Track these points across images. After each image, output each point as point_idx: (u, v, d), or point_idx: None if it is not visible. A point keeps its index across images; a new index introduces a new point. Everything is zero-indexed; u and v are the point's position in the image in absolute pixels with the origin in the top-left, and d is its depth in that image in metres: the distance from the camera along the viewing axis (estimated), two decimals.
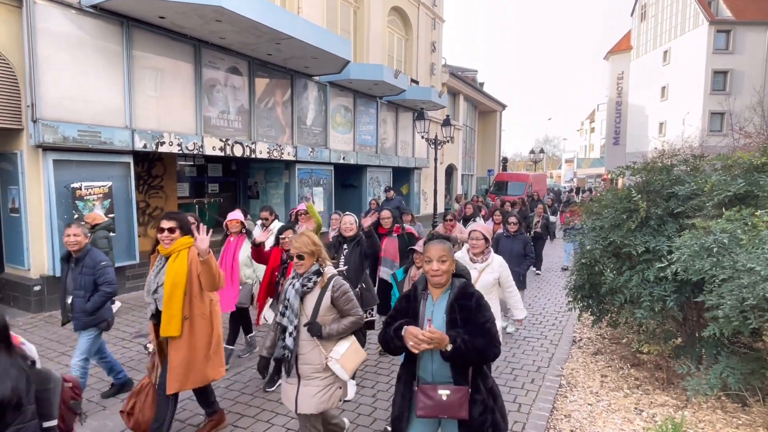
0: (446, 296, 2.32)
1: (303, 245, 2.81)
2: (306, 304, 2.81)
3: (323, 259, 2.89)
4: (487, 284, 3.82)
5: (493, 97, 27.51)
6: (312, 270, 2.83)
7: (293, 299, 2.79)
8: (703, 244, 3.50)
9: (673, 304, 3.89)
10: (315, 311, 2.78)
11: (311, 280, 2.81)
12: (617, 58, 41.09)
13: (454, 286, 2.34)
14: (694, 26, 30.63)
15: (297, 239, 2.86)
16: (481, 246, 3.92)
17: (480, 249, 3.92)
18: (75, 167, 7.00)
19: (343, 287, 2.82)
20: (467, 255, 3.97)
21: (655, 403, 4.14)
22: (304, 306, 2.81)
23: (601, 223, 4.82)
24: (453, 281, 2.36)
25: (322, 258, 2.88)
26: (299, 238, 2.86)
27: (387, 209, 5.51)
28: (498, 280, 3.93)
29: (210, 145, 8.89)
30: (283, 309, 2.84)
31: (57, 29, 6.65)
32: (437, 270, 2.26)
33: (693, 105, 29.89)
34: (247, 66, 9.78)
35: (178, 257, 3.22)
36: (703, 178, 4.31)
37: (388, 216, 5.40)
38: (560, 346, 5.70)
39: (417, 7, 16.92)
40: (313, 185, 12.13)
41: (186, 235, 3.28)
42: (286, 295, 2.85)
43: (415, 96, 14.93)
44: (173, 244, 3.21)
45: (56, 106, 6.65)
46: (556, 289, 8.68)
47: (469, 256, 3.96)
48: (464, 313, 2.25)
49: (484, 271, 3.88)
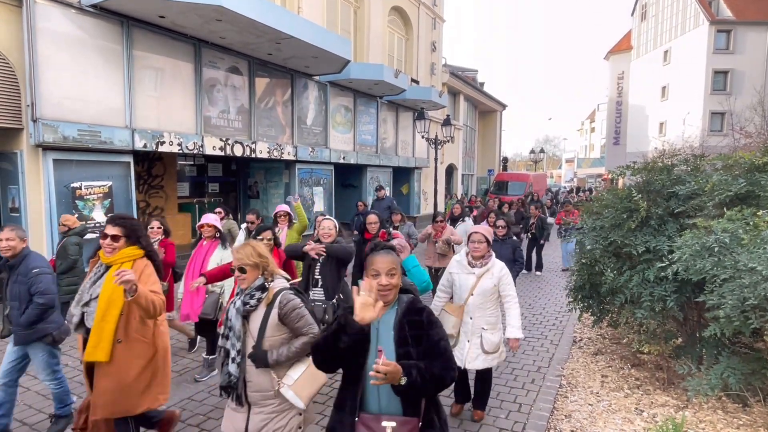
0: (393, 313, 2.03)
1: (245, 256, 2.48)
2: (251, 324, 2.47)
3: (270, 272, 2.56)
4: (486, 291, 3.61)
5: (494, 97, 27.50)
6: (255, 285, 2.49)
7: (234, 320, 2.45)
8: (705, 244, 3.49)
9: (673, 304, 3.88)
10: (261, 332, 2.43)
11: (254, 297, 2.47)
12: (617, 58, 41.05)
13: (401, 301, 2.06)
14: (695, 26, 30.60)
15: (239, 249, 2.52)
16: (483, 249, 3.67)
17: (481, 252, 3.67)
18: (75, 167, 6.99)
19: (291, 302, 2.47)
20: (465, 258, 3.74)
21: (655, 404, 4.13)
22: (249, 326, 2.47)
23: (601, 222, 4.81)
24: (400, 297, 2.08)
25: (268, 271, 2.55)
26: (241, 248, 2.53)
27: (374, 213, 5.16)
28: (497, 287, 3.66)
29: (210, 144, 8.89)
30: (225, 331, 2.49)
31: (57, 29, 6.64)
32: (386, 285, 1.96)
33: (693, 105, 29.86)
34: (248, 66, 9.78)
35: None
36: (703, 177, 4.30)
37: (375, 221, 5.04)
38: (561, 346, 5.69)
39: (417, 7, 16.92)
40: (313, 185, 12.12)
41: (134, 244, 2.85)
42: (228, 314, 2.50)
43: (415, 96, 14.92)
44: (115, 254, 2.77)
45: (56, 106, 6.64)
46: (557, 290, 8.67)
47: (467, 260, 3.72)
48: (415, 329, 1.99)
49: (484, 276, 3.63)
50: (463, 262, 3.74)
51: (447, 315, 3.69)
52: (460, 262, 3.75)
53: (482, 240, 3.67)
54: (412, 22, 16.74)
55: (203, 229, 4.84)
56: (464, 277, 3.68)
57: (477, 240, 3.67)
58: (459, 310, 3.66)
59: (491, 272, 3.64)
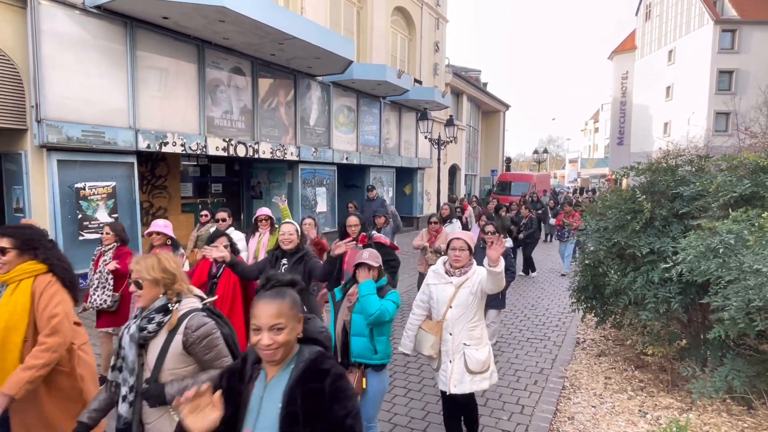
0: (286, 374, 1.53)
1: (144, 269, 2.05)
2: (149, 354, 2.02)
3: (176, 290, 2.10)
4: (464, 302, 3.16)
5: (497, 97, 27.44)
6: (155, 306, 2.05)
7: (128, 348, 2.01)
8: (709, 245, 3.47)
9: (677, 306, 3.86)
10: (158, 363, 1.99)
11: (153, 321, 2.01)
12: (622, 57, 40.92)
13: (300, 357, 1.55)
14: (699, 25, 30.46)
15: (139, 260, 2.09)
16: (465, 258, 3.22)
17: (463, 262, 3.22)
18: (79, 167, 7.02)
19: (202, 329, 2.01)
20: (442, 267, 3.31)
21: (659, 406, 4.11)
22: (146, 357, 2.03)
23: (605, 223, 4.79)
24: (301, 350, 1.57)
25: (173, 290, 2.09)
26: (143, 259, 2.10)
27: (355, 215, 4.73)
28: (478, 293, 3.18)
29: (213, 145, 8.90)
30: (117, 361, 2.07)
31: (61, 30, 6.66)
32: (269, 345, 1.46)
33: (698, 105, 29.72)
34: (251, 66, 9.79)
35: (17, 289, 2.36)
36: (708, 178, 4.27)
37: (355, 223, 4.63)
38: (563, 348, 5.67)
39: (420, 7, 16.90)
40: (316, 185, 12.12)
41: (32, 259, 2.42)
42: (121, 341, 2.06)
43: (418, 96, 14.91)
44: (9, 271, 2.37)
45: (60, 107, 6.67)
46: (560, 290, 8.64)
47: (444, 268, 3.28)
48: (311, 402, 1.48)
49: (463, 285, 3.18)
50: (440, 270, 3.30)
51: (424, 334, 3.27)
52: (437, 271, 3.32)
53: (464, 247, 3.22)
54: (415, 23, 16.73)
55: (152, 237, 4.26)
56: (441, 288, 3.25)
57: (458, 247, 3.21)
58: (437, 327, 3.21)
59: (471, 281, 3.17)
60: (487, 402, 4.25)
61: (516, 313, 7.18)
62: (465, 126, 23.15)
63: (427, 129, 13.70)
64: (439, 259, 3.40)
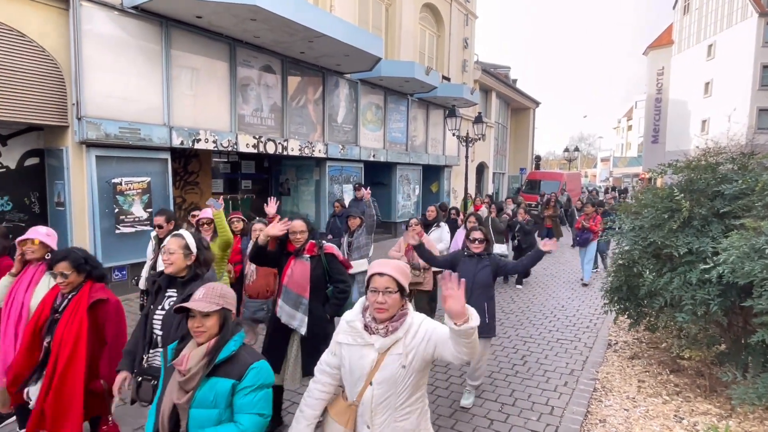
0: None
1: None
2: None
3: None
4: (391, 378, 1.95)
5: (527, 94, 26.98)
6: None
7: None
8: (754, 246, 3.32)
9: (717, 308, 3.71)
10: None
11: None
12: (657, 53, 39.58)
13: None
14: (742, 18, 29.17)
15: None
16: (392, 305, 1.95)
17: (389, 312, 1.95)
18: (116, 163, 7.26)
19: None
20: (361, 318, 2.02)
21: (696, 411, 3.97)
22: None
23: (640, 222, 4.65)
24: None
25: None
26: None
27: (301, 218, 3.54)
28: (420, 363, 1.97)
29: (244, 142, 9.06)
30: None
31: (101, 30, 6.90)
32: None
33: (739, 101, 28.49)
34: (280, 64, 9.92)
35: None
36: (753, 176, 4.08)
37: (302, 229, 3.46)
38: (595, 349, 5.53)
39: (449, 4, 16.76)
40: (343, 182, 12.19)
41: None
42: None
43: (446, 93, 14.79)
44: None
45: (99, 104, 6.91)
46: (591, 291, 8.44)
47: (364, 321, 2.01)
48: None
49: (389, 352, 1.94)
50: (356, 323, 2.02)
51: (331, 422, 2.08)
52: (351, 323, 2.05)
53: (389, 288, 1.94)
54: (443, 19, 16.60)
55: (26, 247, 3.12)
56: (357, 353, 2.00)
57: (382, 288, 1.94)
58: (348, 413, 2.04)
59: (405, 345, 1.94)
60: (515, 402, 4.19)
61: (545, 313, 7.06)
62: (493, 123, 22.86)
63: (455, 126, 13.58)
64: (358, 302, 2.12)
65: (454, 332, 1.76)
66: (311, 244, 3.49)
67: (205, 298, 1.92)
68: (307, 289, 3.36)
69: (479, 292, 3.94)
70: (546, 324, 6.51)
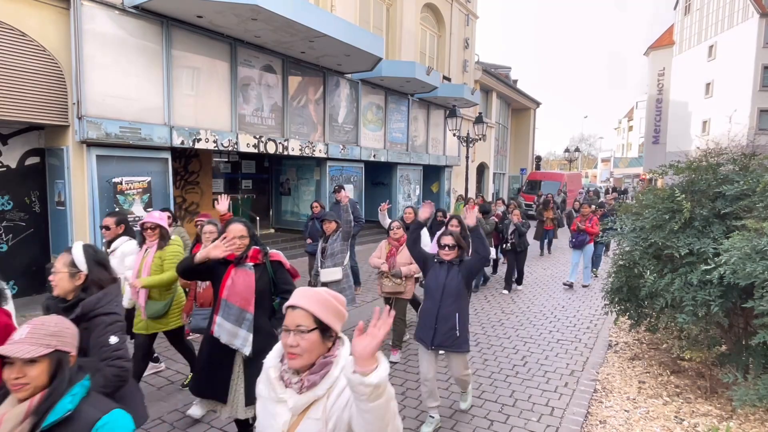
0: None
1: None
2: None
3: None
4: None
5: (527, 95, 26.96)
6: None
7: None
8: (755, 247, 3.31)
9: (718, 310, 3.70)
10: None
11: None
12: (658, 53, 39.56)
13: None
14: (743, 19, 29.14)
15: None
16: (308, 348, 1.45)
17: (300, 358, 1.46)
18: (116, 162, 7.26)
19: None
20: (278, 365, 1.54)
21: (697, 413, 3.96)
22: None
23: (641, 223, 4.64)
24: None
25: None
26: None
27: (240, 222, 3.08)
28: None
29: (244, 142, 9.06)
30: None
31: (101, 30, 6.90)
32: None
33: (740, 102, 28.46)
34: (281, 64, 9.91)
35: None
36: (754, 177, 4.07)
37: (242, 234, 2.99)
38: (595, 350, 5.53)
39: (450, 4, 16.75)
40: (343, 182, 12.19)
41: None
42: None
43: (447, 93, 14.79)
44: None
45: (100, 104, 6.91)
46: (591, 291, 8.43)
47: (279, 369, 1.54)
48: None
49: (308, 414, 1.45)
50: (269, 372, 1.54)
51: None
52: (267, 370, 1.56)
53: (302, 326, 1.46)
54: (444, 19, 16.60)
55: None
56: (269, 410, 1.52)
57: (292, 326, 1.46)
58: None
59: (324, 406, 1.44)
60: (516, 403, 4.19)
61: (546, 314, 7.05)
62: (494, 123, 22.85)
63: (456, 126, 13.58)
64: (276, 346, 1.60)
65: (349, 383, 1.26)
66: (255, 251, 3.04)
67: (28, 339, 1.41)
68: (252, 302, 2.90)
69: (449, 302, 3.57)
70: (546, 325, 6.51)
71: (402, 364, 5.01)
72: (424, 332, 3.65)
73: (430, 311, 3.62)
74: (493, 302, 7.62)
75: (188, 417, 3.73)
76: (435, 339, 3.56)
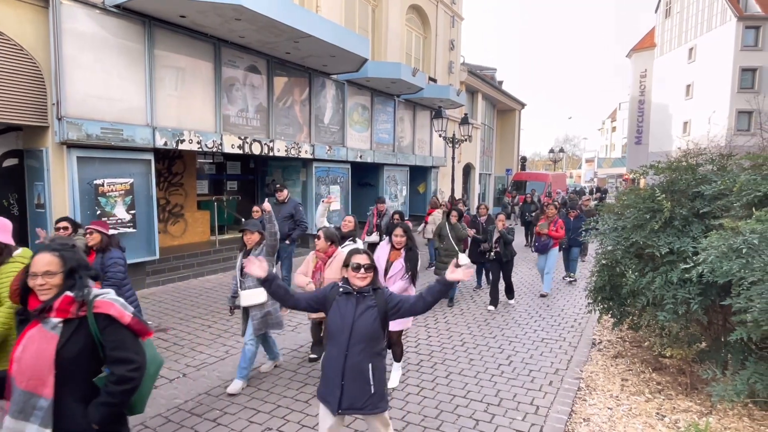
0: None
1: None
2: None
3: None
4: None
5: (512, 96, 27.19)
6: None
7: None
8: (732, 245, 3.38)
9: (697, 307, 3.77)
10: None
11: None
12: (640, 55, 40.24)
13: None
14: (722, 22, 29.79)
15: None
16: None
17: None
18: (98, 164, 7.14)
19: None
20: None
21: (677, 409, 4.03)
22: None
23: (623, 223, 4.71)
24: None
25: None
26: None
27: (49, 251, 2.06)
28: None
29: (229, 143, 8.98)
30: None
31: (82, 29, 6.78)
32: None
33: (719, 103, 29.09)
34: (266, 64, 9.85)
35: None
36: (731, 177, 4.16)
37: (46, 269, 1.96)
38: (579, 349, 5.59)
39: (435, 5, 16.82)
40: (330, 183, 12.16)
41: None
42: None
43: (432, 94, 14.84)
44: None
45: (80, 104, 6.79)
46: (575, 290, 8.53)
47: None
48: None
49: None
50: None
51: None
52: None
53: None
54: (430, 21, 16.66)
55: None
56: None
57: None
58: None
59: None
60: (501, 402, 4.22)
61: (531, 313, 7.11)
62: (480, 124, 22.99)
63: (442, 127, 13.63)
64: None
65: None
66: (65, 300, 1.95)
67: None
68: (48, 382, 1.89)
69: (360, 348, 2.62)
70: (531, 324, 6.56)
71: None
72: (327, 390, 2.68)
73: (335, 361, 2.64)
74: (479, 301, 7.67)
75: None
76: (343, 400, 2.62)
